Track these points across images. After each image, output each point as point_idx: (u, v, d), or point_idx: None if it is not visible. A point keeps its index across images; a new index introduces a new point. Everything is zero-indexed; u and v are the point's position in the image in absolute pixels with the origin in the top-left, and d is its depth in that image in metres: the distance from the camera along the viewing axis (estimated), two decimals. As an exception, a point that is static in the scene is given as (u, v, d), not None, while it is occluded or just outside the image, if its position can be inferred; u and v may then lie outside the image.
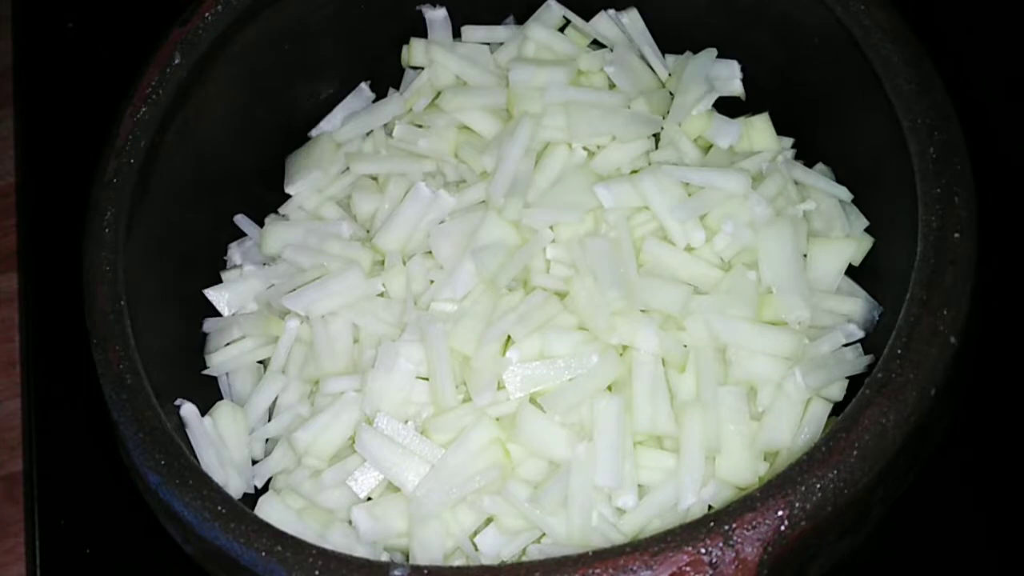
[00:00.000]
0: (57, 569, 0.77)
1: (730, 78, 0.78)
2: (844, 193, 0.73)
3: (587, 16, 0.81)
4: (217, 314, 0.76)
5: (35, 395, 0.85)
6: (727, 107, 0.78)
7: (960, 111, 0.62)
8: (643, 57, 0.80)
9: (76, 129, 0.94)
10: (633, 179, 0.71)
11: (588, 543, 0.61)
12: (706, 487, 0.63)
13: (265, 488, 0.70)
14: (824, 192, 0.73)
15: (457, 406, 0.66)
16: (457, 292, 0.70)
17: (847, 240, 0.71)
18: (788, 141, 0.77)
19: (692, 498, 0.62)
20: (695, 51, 0.79)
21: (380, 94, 0.85)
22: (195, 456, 0.65)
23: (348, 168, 0.80)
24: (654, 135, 0.77)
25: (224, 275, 0.77)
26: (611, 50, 0.80)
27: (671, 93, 0.78)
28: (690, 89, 0.76)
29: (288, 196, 0.81)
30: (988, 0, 0.90)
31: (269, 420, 0.72)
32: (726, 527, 0.49)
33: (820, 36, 0.69)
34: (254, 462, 0.71)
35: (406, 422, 0.67)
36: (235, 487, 0.68)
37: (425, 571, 0.50)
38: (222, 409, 0.70)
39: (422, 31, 0.83)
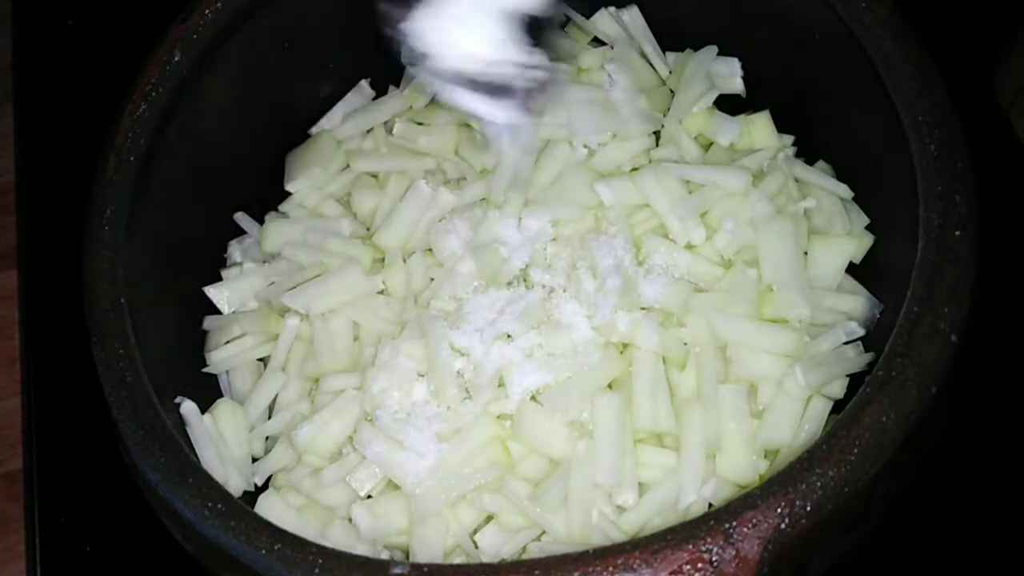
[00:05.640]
0: (57, 567, 0.77)
1: (731, 75, 0.78)
2: (845, 191, 0.73)
3: (588, 14, 0.81)
4: (217, 312, 0.76)
5: (35, 393, 0.85)
6: (728, 104, 0.78)
7: (961, 108, 0.62)
8: (644, 55, 0.80)
9: (75, 126, 0.94)
10: (634, 176, 0.71)
11: (588, 541, 0.61)
12: (706, 485, 0.63)
13: (265, 486, 0.70)
14: (825, 190, 0.73)
15: (457, 404, 0.66)
16: (457, 289, 0.70)
17: (848, 238, 0.71)
18: (789, 139, 0.77)
19: (692, 496, 0.62)
20: (696, 48, 0.79)
21: (380, 92, 0.85)
22: (195, 454, 0.65)
23: (348, 166, 0.80)
24: (655, 133, 0.77)
25: (224, 273, 0.77)
26: (612, 47, 0.80)
27: (672, 91, 0.78)
28: (691, 87, 0.76)
29: (288, 194, 0.81)
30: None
31: (269, 418, 0.72)
32: (727, 525, 0.49)
33: (821, 33, 0.69)
34: (254, 460, 0.71)
35: (406, 420, 0.67)
36: (235, 485, 0.68)
37: (425, 569, 0.50)
38: (222, 407, 0.70)
39: (422, 28, 0.83)
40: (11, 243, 0.94)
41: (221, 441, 0.68)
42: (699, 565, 0.48)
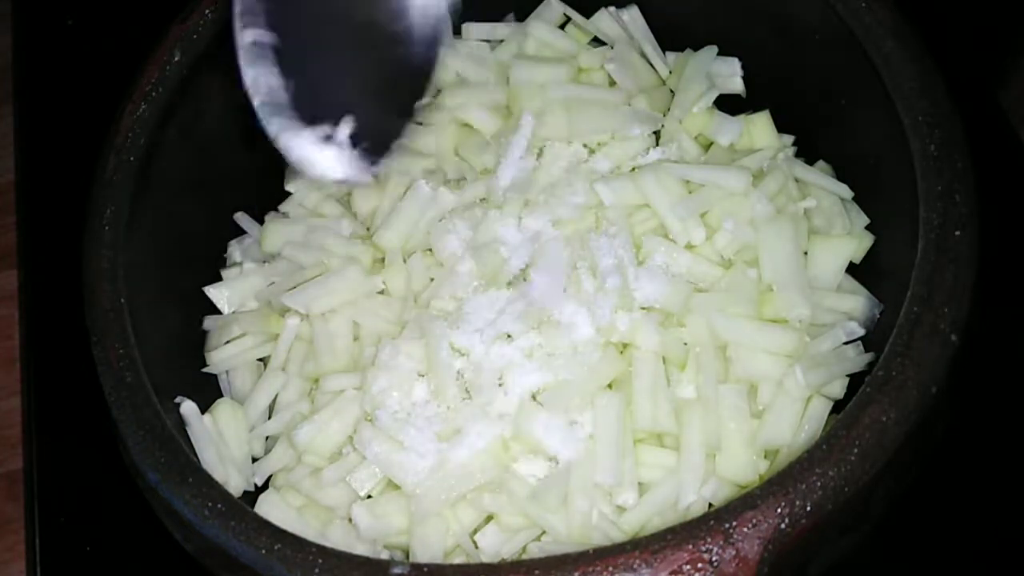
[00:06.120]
0: (57, 567, 0.77)
1: (731, 75, 0.78)
2: (845, 191, 0.73)
3: (588, 13, 0.81)
4: (217, 312, 0.76)
5: (35, 393, 0.85)
6: (728, 104, 0.78)
7: (961, 108, 0.62)
8: (644, 54, 0.80)
9: (75, 126, 0.94)
10: (634, 176, 0.71)
11: (588, 541, 0.61)
12: (706, 485, 0.63)
13: (265, 486, 0.70)
14: (825, 190, 0.73)
15: (457, 404, 0.66)
16: (457, 289, 0.70)
17: (848, 238, 0.71)
18: (789, 138, 0.77)
19: (692, 496, 0.62)
20: (696, 48, 0.79)
21: (380, 91, 0.85)
22: (195, 454, 0.65)
23: (348, 165, 0.80)
24: (655, 133, 0.77)
25: (224, 273, 0.77)
26: (612, 47, 0.80)
27: (672, 90, 0.78)
28: (691, 86, 0.76)
29: (288, 194, 0.81)
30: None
31: (269, 418, 0.72)
32: (727, 525, 0.49)
33: (821, 33, 0.69)
34: (254, 460, 0.71)
35: (406, 420, 0.67)
36: (235, 485, 0.68)
37: (425, 569, 0.50)
38: (222, 407, 0.70)
39: (422, 28, 0.83)
40: (11, 243, 0.94)
41: (221, 441, 0.68)
42: (699, 565, 0.48)
